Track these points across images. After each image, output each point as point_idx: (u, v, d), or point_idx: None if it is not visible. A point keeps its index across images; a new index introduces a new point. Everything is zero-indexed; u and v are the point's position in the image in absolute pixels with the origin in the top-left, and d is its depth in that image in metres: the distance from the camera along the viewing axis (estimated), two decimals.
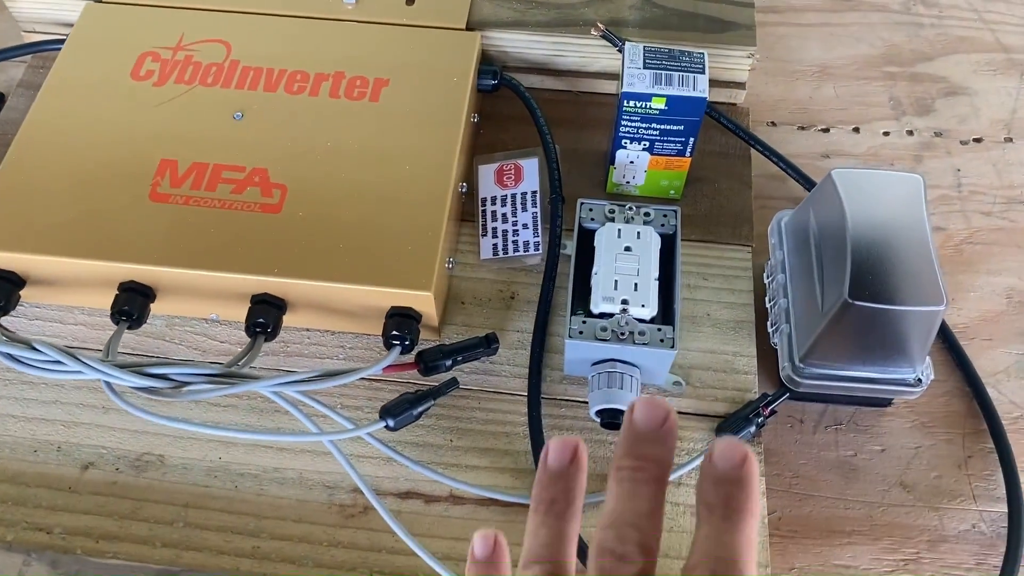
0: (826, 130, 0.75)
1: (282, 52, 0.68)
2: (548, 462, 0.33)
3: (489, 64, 0.71)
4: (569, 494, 0.33)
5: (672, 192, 0.68)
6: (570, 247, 0.61)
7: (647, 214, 0.61)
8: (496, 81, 0.70)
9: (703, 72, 0.61)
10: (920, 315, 0.52)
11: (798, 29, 0.82)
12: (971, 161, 0.73)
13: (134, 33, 0.69)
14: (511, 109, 0.72)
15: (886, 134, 0.75)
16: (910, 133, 0.75)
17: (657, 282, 0.58)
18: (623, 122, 0.63)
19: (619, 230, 0.59)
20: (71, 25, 0.70)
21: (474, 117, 0.70)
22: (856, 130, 0.75)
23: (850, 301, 0.52)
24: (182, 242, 0.59)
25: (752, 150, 0.71)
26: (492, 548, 0.34)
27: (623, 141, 0.64)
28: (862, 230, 0.54)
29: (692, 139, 0.63)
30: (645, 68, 0.61)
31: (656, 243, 0.59)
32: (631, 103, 0.61)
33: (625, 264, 0.58)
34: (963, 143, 0.74)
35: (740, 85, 0.73)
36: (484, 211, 0.68)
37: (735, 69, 0.72)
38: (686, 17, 0.71)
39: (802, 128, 0.75)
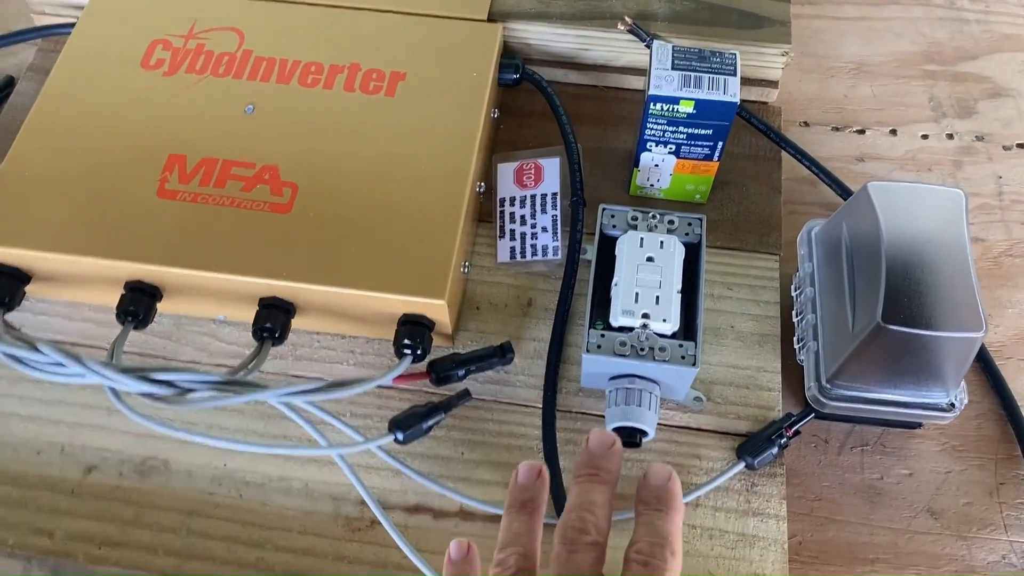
0: (861, 131, 0.72)
1: (296, 42, 0.66)
2: (519, 479, 0.44)
3: (511, 57, 0.68)
4: (536, 501, 0.43)
5: (698, 196, 0.66)
6: (590, 253, 0.59)
7: (671, 222, 0.58)
8: (518, 75, 0.68)
9: (735, 74, 0.58)
10: (957, 341, 0.50)
11: (835, 23, 0.78)
12: (1014, 168, 0.70)
13: (145, 18, 0.67)
14: (533, 104, 0.69)
15: (924, 137, 0.71)
16: (950, 136, 0.71)
17: (680, 295, 0.55)
18: (649, 125, 0.60)
19: (642, 239, 0.57)
20: (82, 8, 0.68)
21: (494, 113, 0.68)
22: (893, 132, 0.72)
23: (883, 325, 0.49)
24: (189, 242, 0.57)
25: (783, 152, 0.68)
26: (466, 552, 0.43)
27: (648, 144, 0.61)
28: (898, 248, 0.51)
29: (721, 143, 0.60)
30: (673, 69, 0.58)
31: (680, 253, 0.57)
32: (658, 106, 0.58)
33: (647, 275, 0.56)
34: (1006, 148, 0.71)
35: (773, 84, 0.70)
36: (502, 212, 0.65)
37: (768, 67, 0.69)
38: (718, 11, 0.68)
39: (836, 129, 0.72)
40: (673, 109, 0.58)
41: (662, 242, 0.57)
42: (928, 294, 0.50)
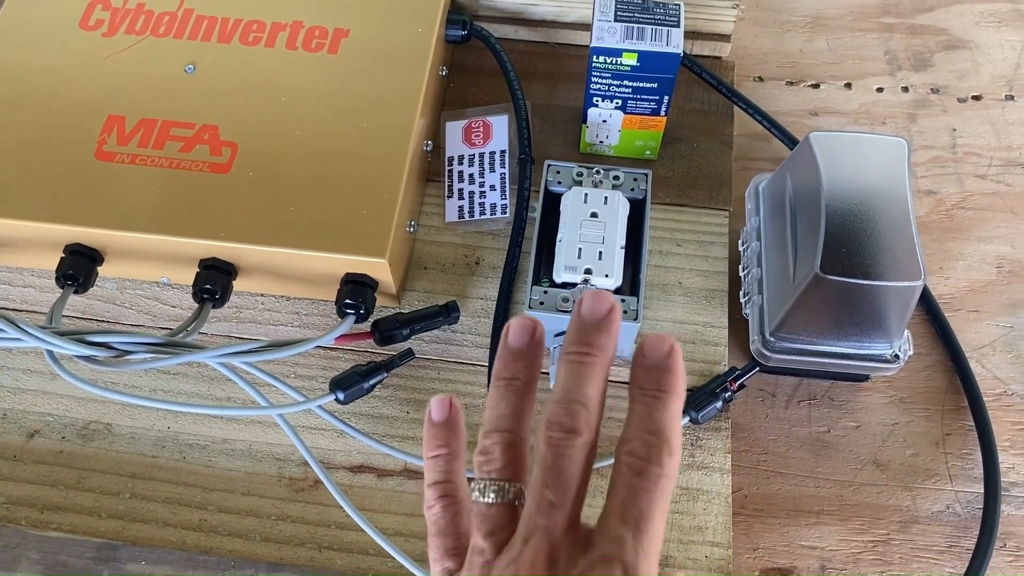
0: (816, 86, 0.71)
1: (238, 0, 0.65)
2: (509, 341, 0.36)
3: (458, 13, 0.67)
4: (528, 371, 0.36)
5: (648, 153, 0.65)
6: (538, 210, 0.58)
7: (616, 177, 0.58)
8: (465, 32, 0.67)
9: (678, 25, 0.57)
10: (896, 290, 0.49)
11: None
12: (968, 120, 0.69)
13: None
14: (484, 61, 0.68)
15: (879, 90, 0.71)
16: (905, 90, 0.71)
17: (623, 250, 0.55)
18: (593, 79, 0.59)
19: (586, 195, 0.56)
20: None
21: (442, 70, 0.67)
22: (848, 86, 0.71)
23: (822, 275, 0.49)
24: (128, 204, 0.56)
25: (736, 108, 0.67)
26: (448, 412, 0.37)
27: (594, 99, 0.61)
28: (838, 199, 0.51)
29: (667, 97, 0.60)
30: (616, 21, 0.57)
31: (624, 209, 0.56)
32: (600, 59, 0.57)
33: (590, 231, 0.55)
34: (961, 100, 0.70)
35: (725, 37, 0.69)
36: (450, 171, 0.65)
37: (719, 20, 0.68)
38: None
39: (791, 84, 0.71)
40: (616, 62, 0.57)
41: (606, 198, 0.56)
42: (867, 243, 0.50)
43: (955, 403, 0.58)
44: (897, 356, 0.54)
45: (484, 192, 0.63)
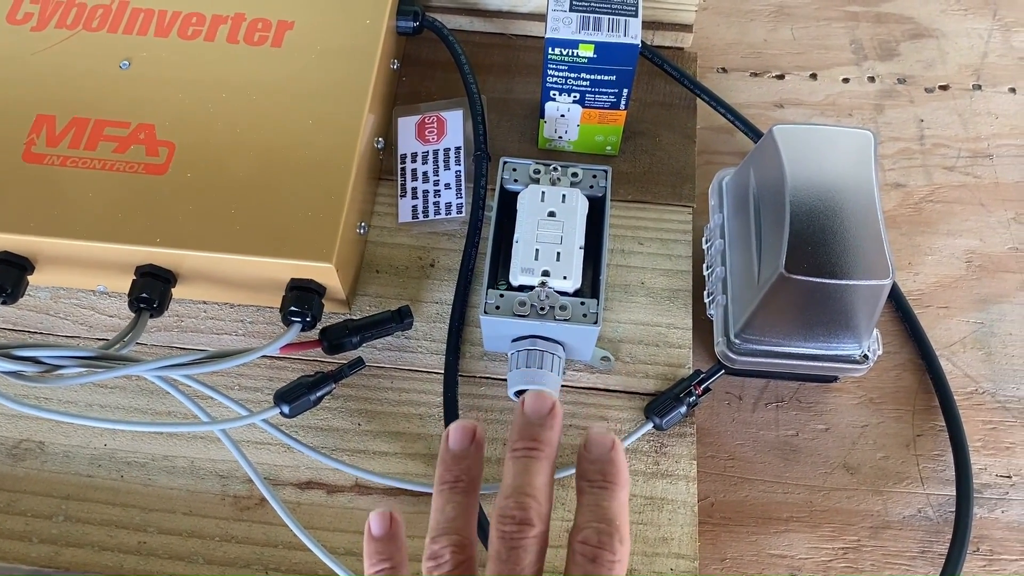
0: (781, 76, 0.69)
1: None
2: (450, 445, 0.38)
3: (409, 3, 0.64)
4: (470, 472, 0.37)
5: (609, 148, 0.63)
6: (493, 209, 0.56)
7: (575, 175, 0.55)
8: (417, 23, 0.64)
9: (636, 15, 0.55)
10: (864, 289, 0.47)
11: None
12: (936, 111, 0.68)
13: None
14: (437, 54, 0.66)
15: (845, 81, 0.69)
16: (871, 80, 0.69)
17: (582, 251, 0.53)
18: (549, 72, 0.56)
19: (543, 193, 0.54)
20: None
21: (394, 64, 0.64)
22: (813, 76, 0.69)
23: (787, 274, 0.47)
24: (58, 208, 0.53)
25: (699, 100, 0.65)
26: (388, 526, 0.37)
27: (551, 92, 0.58)
28: (803, 194, 0.49)
29: (626, 90, 0.57)
30: (572, 11, 0.55)
31: (583, 207, 0.54)
32: (556, 50, 0.55)
33: (548, 231, 0.53)
34: (928, 91, 0.69)
35: (687, 28, 0.67)
36: (403, 169, 0.62)
37: (681, 10, 0.65)
38: None
39: (755, 75, 0.69)
40: (573, 54, 0.55)
41: (564, 196, 0.54)
42: (833, 241, 0.48)
43: (926, 403, 0.57)
44: (866, 356, 0.52)
45: (439, 191, 0.61)
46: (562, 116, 0.60)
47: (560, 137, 0.62)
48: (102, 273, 0.55)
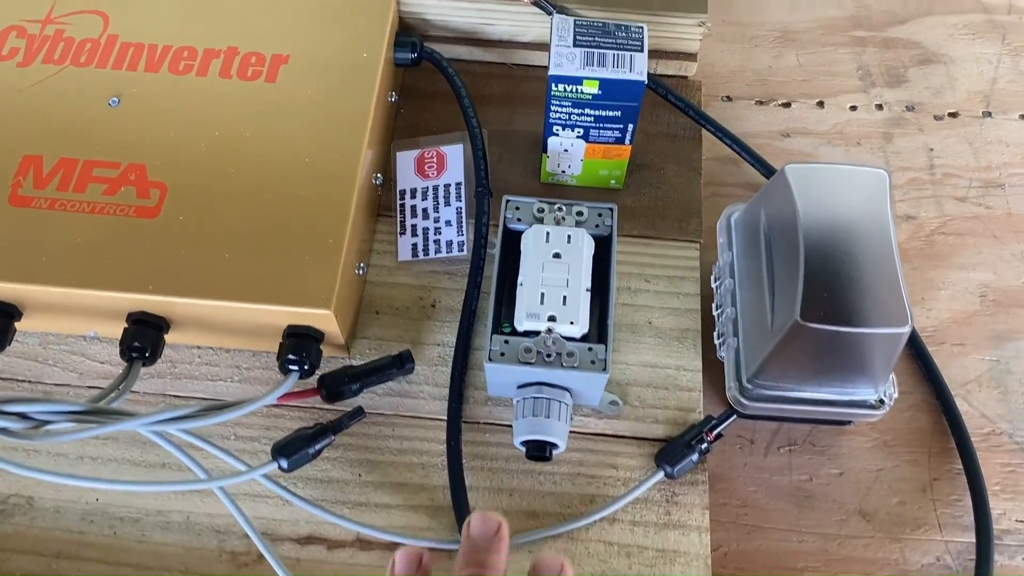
0: (787, 104, 0.68)
1: (167, 24, 0.60)
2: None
3: (407, 34, 0.62)
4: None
5: (613, 182, 0.61)
6: (498, 246, 0.54)
7: (580, 213, 0.54)
8: (415, 54, 0.62)
9: (641, 50, 0.53)
10: (882, 337, 0.46)
11: None
12: (945, 139, 0.66)
13: None
14: (436, 85, 0.64)
15: (853, 108, 0.68)
16: (879, 107, 0.68)
17: (589, 293, 0.51)
18: (552, 107, 0.55)
19: (548, 233, 0.53)
20: None
21: (391, 96, 0.62)
22: (820, 104, 0.68)
23: (802, 322, 0.45)
24: (46, 254, 0.51)
25: (703, 130, 0.64)
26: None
27: (554, 128, 0.57)
28: (817, 237, 0.47)
29: (631, 125, 0.56)
30: (576, 46, 0.53)
31: (589, 248, 0.52)
32: (560, 87, 0.53)
33: (553, 274, 0.51)
34: (937, 118, 0.67)
35: (691, 56, 0.65)
36: (403, 205, 0.60)
37: (685, 39, 0.64)
38: None
39: (760, 103, 0.68)
40: (577, 90, 0.53)
41: (569, 236, 0.52)
42: (850, 287, 0.46)
43: (942, 445, 0.55)
44: (882, 401, 0.51)
45: (439, 228, 0.59)
46: (565, 151, 0.58)
47: (563, 171, 0.61)
48: (92, 319, 0.53)
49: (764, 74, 0.69)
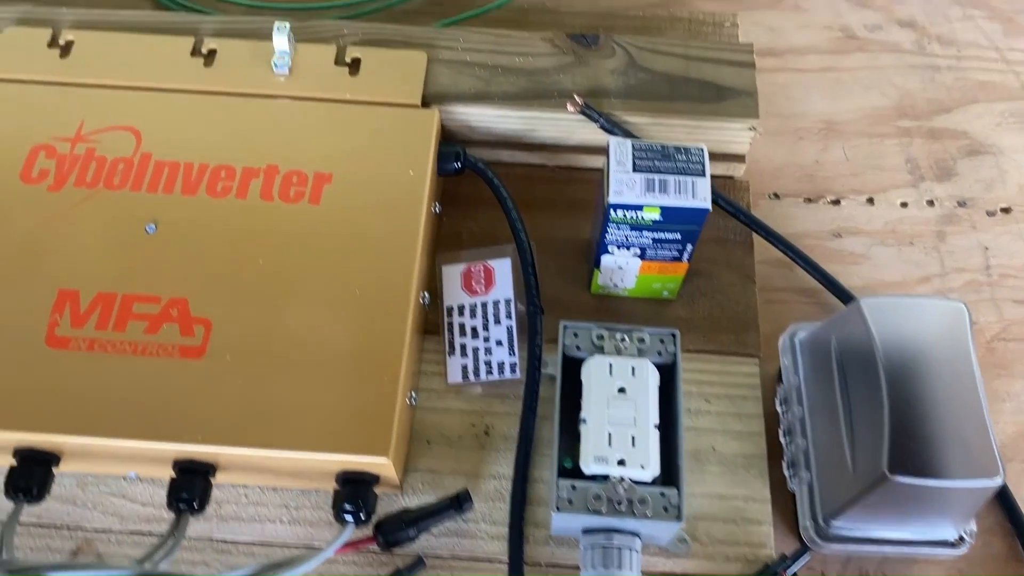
0: (836, 202, 0.66)
1: (202, 140, 0.57)
2: None
3: (450, 144, 0.60)
4: None
5: (666, 293, 0.59)
6: (552, 366, 0.52)
7: (641, 340, 0.52)
8: (460, 164, 0.60)
9: (703, 174, 0.51)
10: (971, 489, 0.44)
11: (799, 76, 0.72)
12: (1000, 236, 0.65)
13: (25, 119, 0.58)
14: (478, 191, 0.61)
15: (904, 205, 0.66)
16: (930, 203, 0.66)
17: (658, 430, 0.49)
18: (609, 231, 0.53)
19: (610, 365, 0.50)
20: None
21: (435, 207, 0.60)
22: (870, 201, 0.66)
23: (889, 476, 0.43)
24: (87, 402, 0.48)
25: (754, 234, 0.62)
26: None
27: (609, 247, 0.55)
28: (900, 380, 0.45)
29: (691, 246, 0.54)
30: (635, 172, 0.51)
31: (655, 381, 0.50)
32: (619, 213, 0.51)
33: (619, 411, 0.49)
34: (990, 214, 0.66)
35: (740, 158, 0.64)
36: (451, 324, 0.58)
37: (734, 142, 0.62)
38: (677, 83, 0.61)
39: (809, 200, 0.66)
40: (637, 216, 0.51)
41: (634, 368, 0.50)
42: (936, 435, 0.44)
43: (1018, 571, 0.53)
44: (963, 539, 0.49)
45: (490, 348, 0.57)
46: (619, 268, 0.57)
47: (616, 285, 0.59)
48: (135, 463, 0.51)
49: (811, 169, 0.67)
